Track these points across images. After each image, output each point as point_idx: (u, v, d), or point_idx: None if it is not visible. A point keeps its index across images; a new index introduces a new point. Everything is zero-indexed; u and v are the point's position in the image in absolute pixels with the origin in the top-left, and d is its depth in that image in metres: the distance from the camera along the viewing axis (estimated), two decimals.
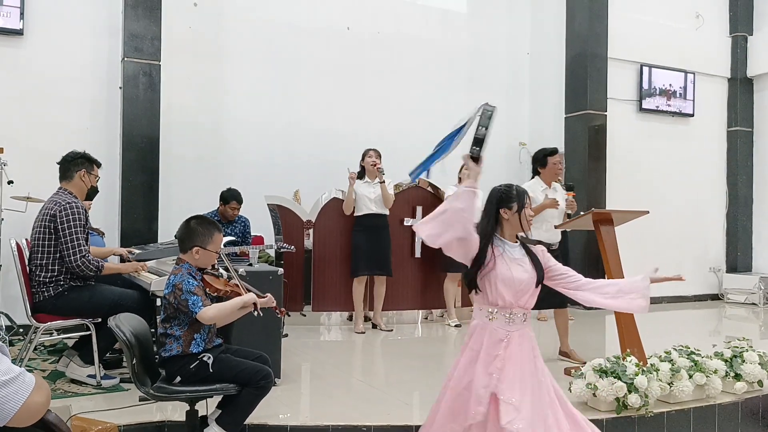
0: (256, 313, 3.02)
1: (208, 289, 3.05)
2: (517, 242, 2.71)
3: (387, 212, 6.31)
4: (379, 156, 6.28)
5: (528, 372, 2.57)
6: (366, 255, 6.21)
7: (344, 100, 7.78)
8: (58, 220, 3.98)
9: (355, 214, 6.30)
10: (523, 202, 2.69)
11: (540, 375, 2.61)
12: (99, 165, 4.41)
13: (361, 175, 6.32)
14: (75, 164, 4.23)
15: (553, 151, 5.22)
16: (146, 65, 6.48)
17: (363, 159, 6.32)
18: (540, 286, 2.67)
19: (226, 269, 3.29)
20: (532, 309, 2.69)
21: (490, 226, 2.66)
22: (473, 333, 2.66)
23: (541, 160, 5.21)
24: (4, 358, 1.49)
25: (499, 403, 2.47)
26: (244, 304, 2.98)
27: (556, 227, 5.35)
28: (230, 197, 6.20)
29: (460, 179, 6.65)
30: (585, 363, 4.01)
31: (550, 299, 3.31)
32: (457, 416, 2.56)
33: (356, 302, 6.28)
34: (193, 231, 3.09)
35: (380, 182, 6.19)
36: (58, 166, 4.27)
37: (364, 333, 6.16)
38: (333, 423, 3.44)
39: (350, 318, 6.50)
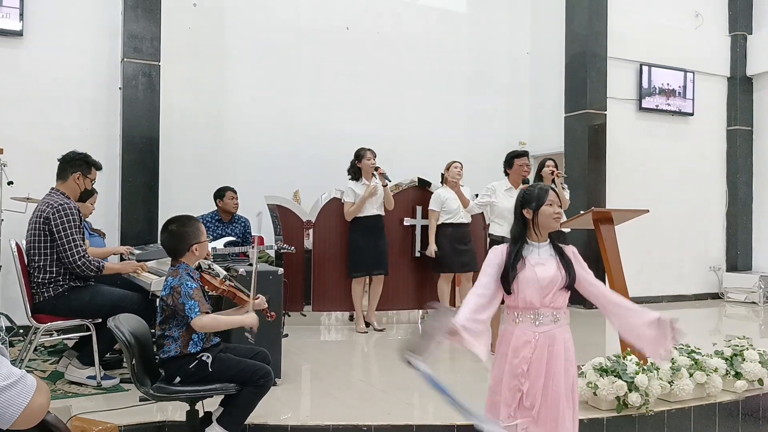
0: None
1: (206, 287, 3.06)
2: (546, 241, 2.66)
3: (383, 213, 6.29)
4: (374, 156, 6.19)
5: (554, 374, 2.55)
6: (364, 255, 6.18)
7: (344, 101, 7.78)
8: (53, 223, 3.95)
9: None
10: (542, 200, 2.63)
11: (564, 379, 2.57)
12: (99, 168, 4.31)
13: (357, 176, 6.21)
14: (72, 165, 4.17)
15: (520, 154, 5.41)
16: (146, 66, 6.48)
17: (359, 160, 6.17)
18: (570, 287, 2.60)
19: (227, 269, 3.30)
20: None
21: (518, 229, 2.67)
22: (502, 338, 2.68)
23: (508, 162, 5.42)
24: (3, 360, 1.48)
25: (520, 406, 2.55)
26: (242, 325, 3.02)
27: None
28: (224, 189, 6.22)
29: (442, 176, 6.40)
30: None
31: None
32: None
33: (356, 302, 6.27)
34: (181, 233, 3.07)
35: (383, 185, 6.12)
36: (58, 163, 4.24)
37: (366, 332, 6.15)
38: (333, 423, 3.44)
39: (351, 318, 6.50)
